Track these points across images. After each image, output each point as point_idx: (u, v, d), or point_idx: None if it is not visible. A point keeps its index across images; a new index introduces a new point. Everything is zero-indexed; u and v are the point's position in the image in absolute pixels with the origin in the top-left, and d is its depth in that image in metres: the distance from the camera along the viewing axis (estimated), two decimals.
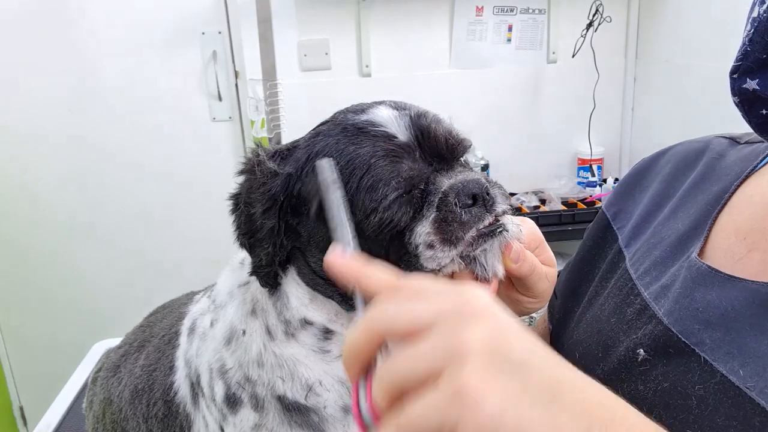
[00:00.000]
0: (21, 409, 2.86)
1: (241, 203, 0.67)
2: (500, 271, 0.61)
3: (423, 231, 0.59)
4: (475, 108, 2.75)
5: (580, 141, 2.80)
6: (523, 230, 0.64)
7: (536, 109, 2.82)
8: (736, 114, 0.60)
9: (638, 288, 0.65)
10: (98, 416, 0.94)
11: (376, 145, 0.60)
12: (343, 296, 0.66)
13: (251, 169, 0.67)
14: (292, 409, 0.69)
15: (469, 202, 0.59)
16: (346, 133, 0.62)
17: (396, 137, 0.61)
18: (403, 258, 0.61)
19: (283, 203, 0.64)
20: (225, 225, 0.71)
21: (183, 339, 0.81)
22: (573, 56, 2.66)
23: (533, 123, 2.82)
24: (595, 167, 2.77)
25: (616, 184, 0.84)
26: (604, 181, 2.73)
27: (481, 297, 0.40)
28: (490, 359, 0.35)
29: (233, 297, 0.73)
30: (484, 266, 0.60)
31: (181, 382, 0.79)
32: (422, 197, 0.60)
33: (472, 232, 0.59)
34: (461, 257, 0.59)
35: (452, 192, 0.59)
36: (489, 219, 0.59)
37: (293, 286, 0.69)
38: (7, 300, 2.73)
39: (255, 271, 0.68)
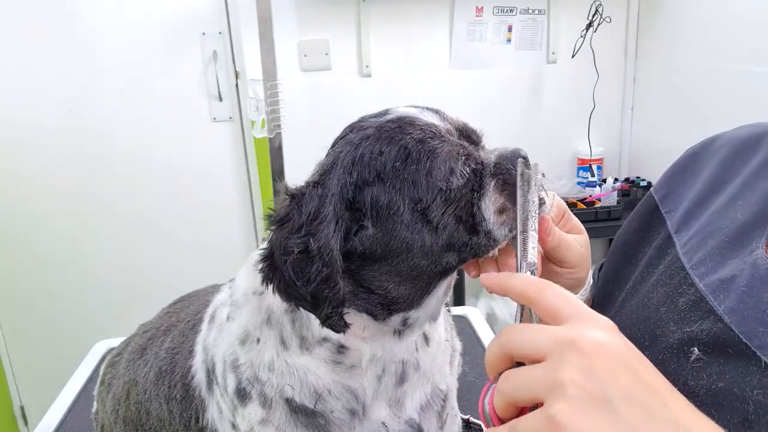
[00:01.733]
0: (22, 408, 2.87)
1: (288, 253, 0.59)
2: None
3: (491, 198, 0.61)
4: (475, 108, 2.74)
5: (580, 141, 2.80)
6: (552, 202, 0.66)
7: (536, 109, 2.82)
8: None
9: (692, 278, 0.62)
10: (120, 398, 0.94)
11: (424, 130, 0.61)
12: (383, 306, 0.64)
13: (287, 215, 0.60)
14: (299, 411, 0.69)
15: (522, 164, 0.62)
16: (384, 129, 0.61)
17: (436, 124, 0.62)
18: (473, 235, 0.61)
19: (338, 222, 0.59)
20: (224, 225, 0.70)
21: (204, 326, 0.81)
22: (573, 56, 2.66)
23: (533, 123, 2.82)
24: (594, 167, 2.77)
25: (667, 168, 0.80)
26: (604, 181, 2.73)
27: (596, 334, 0.44)
28: (583, 394, 0.40)
29: (248, 302, 0.72)
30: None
31: (198, 366, 0.80)
32: (475, 172, 0.62)
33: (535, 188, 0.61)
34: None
35: (504, 160, 0.62)
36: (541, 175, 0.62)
37: None
38: (7, 300, 2.73)
39: (325, 323, 0.62)
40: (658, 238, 0.72)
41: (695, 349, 0.57)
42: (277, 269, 0.60)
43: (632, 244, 0.76)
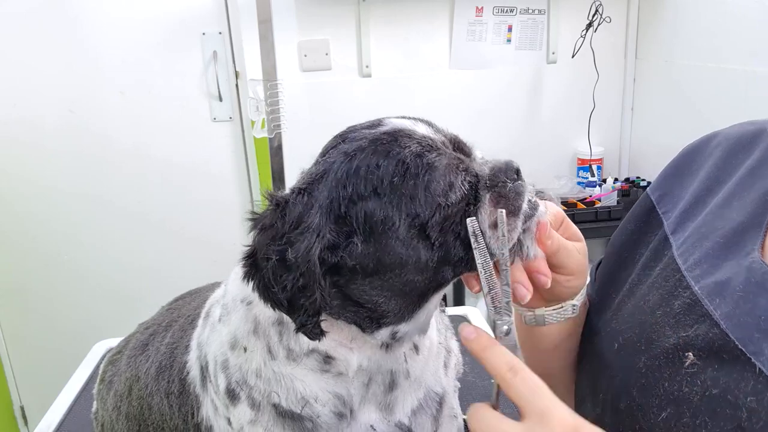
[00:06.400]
0: (22, 408, 2.87)
1: (267, 259, 0.58)
2: (540, 253, 0.63)
3: (486, 212, 0.60)
4: (475, 108, 2.75)
5: (580, 141, 2.80)
6: (548, 209, 0.65)
7: (536, 109, 2.82)
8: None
9: (687, 280, 0.61)
10: (122, 394, 0.94)
11: (421, 143, 0.60)
12: (372, 319, 0.63)
13: (272, 222, 0.59)
14: (285, 415, 0.69)
15: (516, 177, 0.62)
16: (380, 141, 0.60)
17: (431, 137, 0.61)
18: (468, 249, 0.60)
19: (320, 234, 0.58)
20: (224, 225, 0.70)
21: (200, 321, 0.82)
22: (573, 56, 2.66)
23: (533, 123, 2.83)
24: (594, 167, 2.77)
25: (663, 168, 0.79)
26: (604, 181, 2.73)
27: None
28: None
29: (237, 309, 0.72)
30: (528, 247, 0.62)
31: (192, 363, 0.80)
32: (471, 185, 0.61)
33: (529, 199, 0.61)
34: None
35: (498, 172, 0.62)
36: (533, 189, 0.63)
37: None
38: (7, 300, 2.73)
39: (300, 329, 0.61)
40: (654, 240, 0.71)
41: (690, 354, 0.57)
42: (259, 269, 0.59)
43: (629, 245, 0.75)
